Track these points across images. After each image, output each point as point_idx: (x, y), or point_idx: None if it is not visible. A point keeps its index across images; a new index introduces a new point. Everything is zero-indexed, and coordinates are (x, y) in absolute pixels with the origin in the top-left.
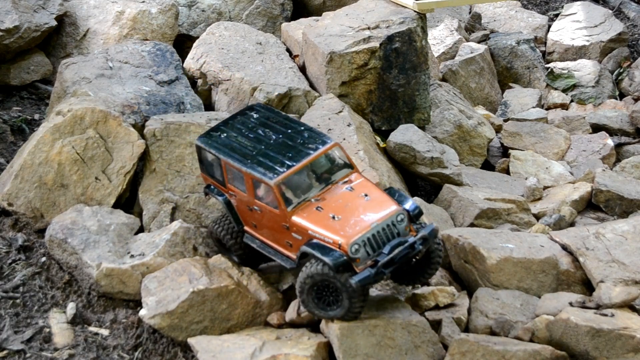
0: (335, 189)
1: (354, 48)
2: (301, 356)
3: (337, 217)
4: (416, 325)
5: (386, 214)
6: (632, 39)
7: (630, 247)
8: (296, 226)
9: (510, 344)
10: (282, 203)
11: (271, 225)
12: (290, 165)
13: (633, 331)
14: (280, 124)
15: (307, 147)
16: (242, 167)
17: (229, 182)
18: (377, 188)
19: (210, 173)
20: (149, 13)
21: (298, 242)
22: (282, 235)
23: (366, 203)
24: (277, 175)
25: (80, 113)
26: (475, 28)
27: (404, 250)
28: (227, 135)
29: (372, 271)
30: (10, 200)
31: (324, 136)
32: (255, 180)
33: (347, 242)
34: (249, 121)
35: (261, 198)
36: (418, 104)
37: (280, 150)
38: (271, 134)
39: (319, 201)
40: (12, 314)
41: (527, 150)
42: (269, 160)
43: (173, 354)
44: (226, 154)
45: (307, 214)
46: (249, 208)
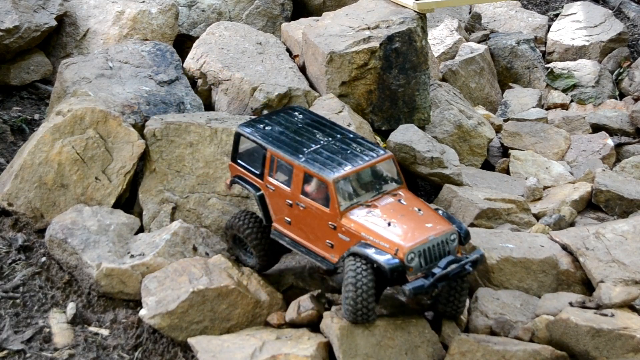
0: (386, 199)
1: (354, 48)
2: (301, 356)
3: (393, 224)
4: (416, 325)
5: (442, 230)
6: (632, 39)
7: (630, 247)
8: (346, 227)
9: (510, 344)
10: (336, 201)
11: (313, 223)
12: (349, 166)
13: (633, 331)
14: (330, 128)
15: (363, 153)
16: (294, 160)
17: (270, 175)
18: (428, 205)
19: (245, 164)
20: (149, 13)
21: (344, 243)
22: (325, 235)
23: (420, 217)
24: (335, 172)
25: (80, 113)
26: (475, 28)
27: (457, 268)
28: (273, 128)
29: (426, 282)
30: (10, 200)
31: (378, 146)
32: (308, 175)
33: (405, 249)
34: (295, 120)
35: (309, 194)
36: (418, 104)
37: (336, 152)
38: (322, 136)
39: (370, 207)
40: (12, 314)
41: (527, 150)
42: (325, 158)
43: (173, 354)
44: (275, 145)
45: (360, 217)
46: (289, 203)
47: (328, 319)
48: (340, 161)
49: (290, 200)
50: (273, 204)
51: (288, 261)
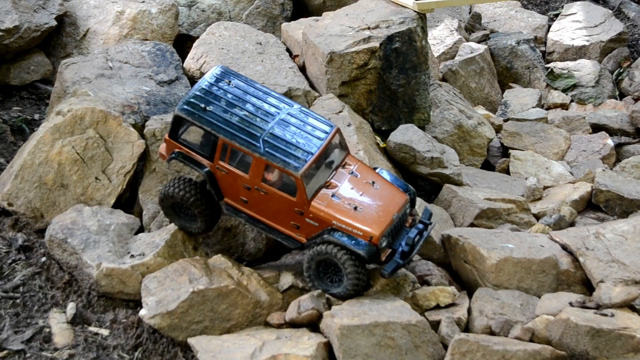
0: (340, 175)
1: (354, 48)
2: (301, 356)
3: (359, 208)
4: (416, 325)
5: (401, 205)
6: (632, 39)
7: (630, 247)
8: (315, 214)
9: (510, 344)
10: (304, 192)
11: (277, 207)
12: (310, 152)
13: (633, 331)
14: (269, 96)
15: (316, 130)
16: (253, 151)
17: (222, 160)
18: (374, 172)
19: (189, 143)
20: (149, 13)
21: (311, 227)
22: (290, 218)
23: (378, 192)
24: (301, 165)
25: (80, 113)
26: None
27: (422, 239)
28: (216, 108)
29: (400, 262)
30: (10, 200)
31: (323, 118)
32: (270, 167)
33: (377, 235)
34: (233, 90)
35: (270, 182)
36: (418, 104)
37: (290, 133)
38: (268, 111)
39: (331, 188)
40: (12, 314)
41: (527, 150)
42: (284, 146)
43: (173, 354)
44: (227, 133)
45: (327, 203)
46: (247, 187)
47: (328, 319)
48: (300, 147)
49: (249, 185)
50: (225, 184)
51: (288, 261)
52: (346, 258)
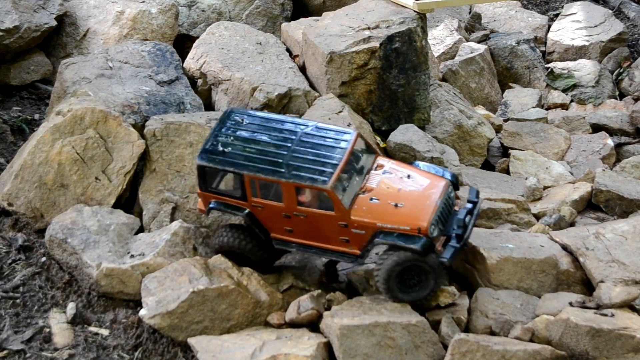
0: (374, 177)
1: (354, 48)
2: (301, 356)
3: (400, 204)
4: (416, 325)
5: (442, 190)
6: (632, 39)
7: (630, 247)
8: (359, 222)
9: (510, 344)
10: (340, 203)
11: (321, 227)
12: (335, 164)
13: (633, 331)
14: (281, 122)
15: (335, 141)
16: (279, 177)
17: (254, 196)
18: (408, 166)
19: (220, 190)
20: (149, 13)
21: (359, 236)
22: (337, 234)
23: (415, 184)
24: (328, 177)
25: (80, 113)
26: (475, 28)
27: (472, 218)
28: (233, 148)
29: (457, 246)
30: (10, 200)
31: (342, 127)
32: (300, 188)
33: (425, 226)
34: (244, 128)
35: (306, 203)
36: (418, 104)
37: (310, 151)
38: (283, 136)
39: (367, 193)
40: (12, 314)
41: (527, 150)
42: (308, 164)
43: (173, 354)
44: (249, 168)
45: (367, 208)
46: (286, 215)
47: (328, 319)
48: (323, 161)
49: (287, 213)
50: (265, 220)
51: (288, 261)
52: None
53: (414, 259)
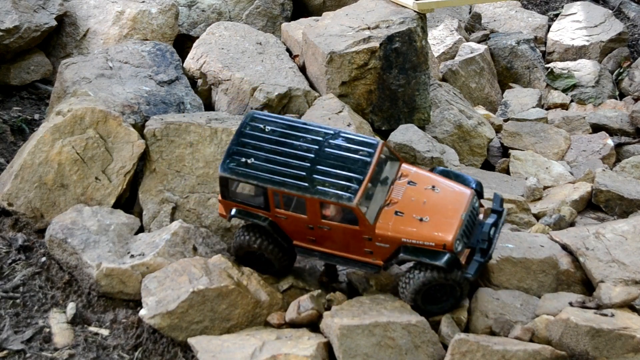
0: (398, 188)
1: (354, 48)
2: (301, 356)
3: (425, 218)
4: (416, 325)
5: (467, 202)
6: (632, 39)
7: (630, 247)
8: (383, 237)
9: (510, 344)
10: (365, 219)
11: (345, 239)
12: (359, 179)
13: (633, 331)
14: (305, 131)
15: (360, 152)
16: (304, 193)
17: (277, 207)
18: (433, 174)
19: (242, 199)
20: (149, 13)
21: (383, 249)
22: (361, 246)
23: (440, 196)
24: (354, 194)
25: (80, 113)
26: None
27: (497, 231)
28: (257, 158)
29: (481, 260)
30: (10, 200)
31: (366, 137)
32: (324, 203)
33: (450, 242)
34: (267, 136)
35: (331, 217)
36: (418, 104)
37: (334, 162)
38: (307, 146)
39: (392, 205)
40: (12, 314)
41: (527, 150)
42: (333, 177)
43: (173, 354)
44: (273, 182)
45: (392, 222)
46: (310, 227)
47: (328, 319)
48: (348, 175)
49: (311, 225)
50: (289, 228)
51: None
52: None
53: (439, 277)
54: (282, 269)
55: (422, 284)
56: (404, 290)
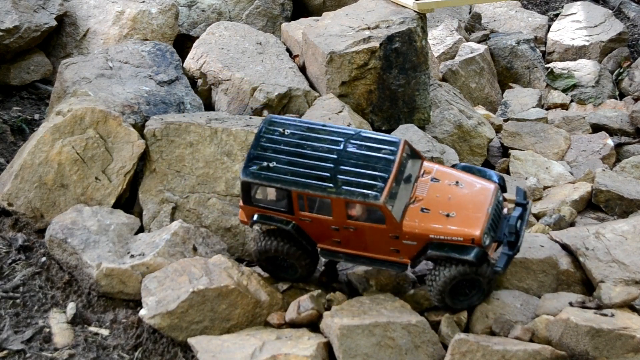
0: (422, 185)
1: (354, 48)
2: (301, 356)
3: (452, 214)
4: (416, 325)
5: (492, 196)
6: (632, 39)
7: (630, 247)
8: (410, 234)
9: (510, 344)
10: (392, 217)
11: (371, 239)
12: (384, 177)
13: (633, 331)
14: (325, 132)
15: (383, 151)
16: (329, 194)
17: (301, 210)
18: (455, 171)
19: (265, 203)
20: (149, 13)
21: (410, 247)
22: (387, 245)
23: (465, 191)
24: (379, 192)
25: (80, 113)
26: (475, 28)
27: (523, 223)
28: (278, 161)
29: (510, 253)
30: (10, 200)
31: (386, 136)
32: (350, 203)
33: (478, 236)
34: (287, 139)
35: (355, 217)
36: (418, 104)
37: (358, 162)
38: (328, 147)
39: (417, 202)
40: (12, 314)
41: (527, 150)
42: (357, 177)
43: (173, 354)
44: (297, 184)
45: (419, 219)
46: (335, 228)
47: (328, 319)
48: (372, 174)
49: (336, 226)
50: (313, 231)
51: None
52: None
53: (468, 271)
54: (306, 273)
55: (450, 279)
56: (432, 286)
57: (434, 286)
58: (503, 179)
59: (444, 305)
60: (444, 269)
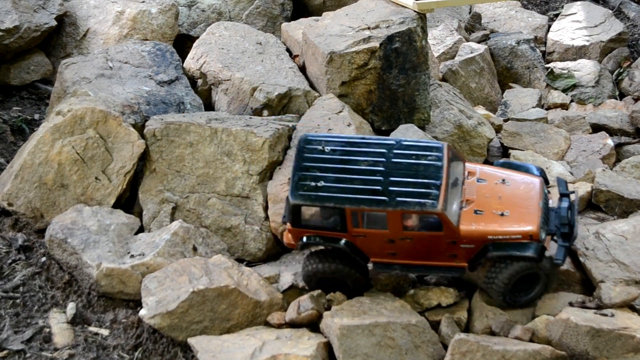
0: (469, 188)
1: (354, 48)
2: (301, 356)
3: (505, 212)
4: (416, 325)
5: (539, 189)
6: (632, 39)
7: (630, 247)
8: (469, 237)
9: (510, 344)
10: (451, 223)
11: (428, 247)
12: (437, 184)
13: (633, 331)
14: (366, 145)
15: (429, 158)
16: (385, 207)
17: (355, 227)
18: (497, 169)
19: (316, 224)
20: (149, 13)
21: (467, 250)
22: (444, 251)
23: (513, 188)
24: (436, 200)
25: (80, 113)
26: (475, 28)
27: (574, 214)
28: (326, 180)
29: (567, 244)
30: (10, 200)
31: (429, 142)
32: (406, 214)
33: (535, 231)
34: (330, 156)
35: (413, 227)
36: (418, 104)
37: (407, 172)
38: (372, 160)
39: (469, 205)
40: (12, 314)
41: (527, 150)
42: (409, 187)
43: (173, 354)
44: (350, 201)
45: (475, 222)
46: (390, 241)
47: (328, 319)
48: (424, 182)
49: (392, 238)
50: (366, 247)
51: (288, 261)
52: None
53: (529, 267)
54: (359, 289)
55: (511, 276)
56: (492, 286)
57: (496, 285)
58: (543, 171)
59: (507, 303)
60: (505, 267)
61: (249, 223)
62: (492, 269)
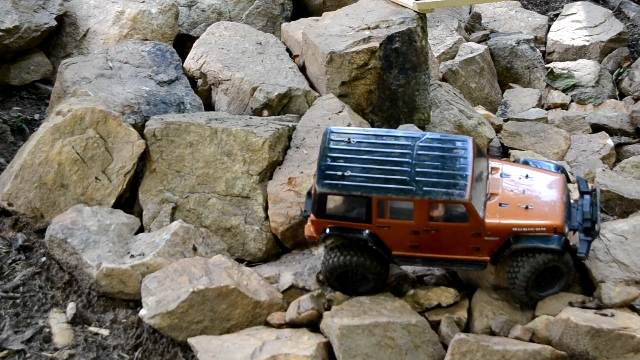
0: (493, 182)
1: (354, 48)
2: (301, 356)
3: (530, 206)
4: (416, 325)
5: (563, 185)
6: (632, 39)
7: (630, 247)
8: (493, 229)
9: (510, 344)
10: (477, 214)
11: (452, 239)
12: (464, 174)
13: (633, 331)
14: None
15: (454, 151)
16: (411, 196)
17: (380, 217)
18: (520, 165)
19: (341, 214)
20: (149, 13)
21: (491, 243)
22: (468, 243)
23: (536, 183)
24: (463, 190)
25: (80, 113)
26: (475, 28)
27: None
28: (352, 170)
29: (590, 238)
30: (10, 200)
31: (454, 136)
32: (434, 204)
33: (560, 224)
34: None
35: (437, 218)
36: (418, 104)
37: (433, 164)
38: (399, 151)
39: (494, 198)
40: (12, 314)
41: (527, 150)
42: (436, 177)
43: (173, 354)
44: (377, 190)
45: (500, 214)
46: (414, 232)
47: (328, 319)
48: (451, 173)
49: (417, 229)
50: (389, 239)
51: (288, 261)
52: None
53: (552, 260)
54: (380, 283)
55: (534, 269)
56: (514, 280)
57: (518, 279)
58: (564, 169)
59: (528, 297)
60: (528, 260)
61: (249, 223)
62: (514, 263)
